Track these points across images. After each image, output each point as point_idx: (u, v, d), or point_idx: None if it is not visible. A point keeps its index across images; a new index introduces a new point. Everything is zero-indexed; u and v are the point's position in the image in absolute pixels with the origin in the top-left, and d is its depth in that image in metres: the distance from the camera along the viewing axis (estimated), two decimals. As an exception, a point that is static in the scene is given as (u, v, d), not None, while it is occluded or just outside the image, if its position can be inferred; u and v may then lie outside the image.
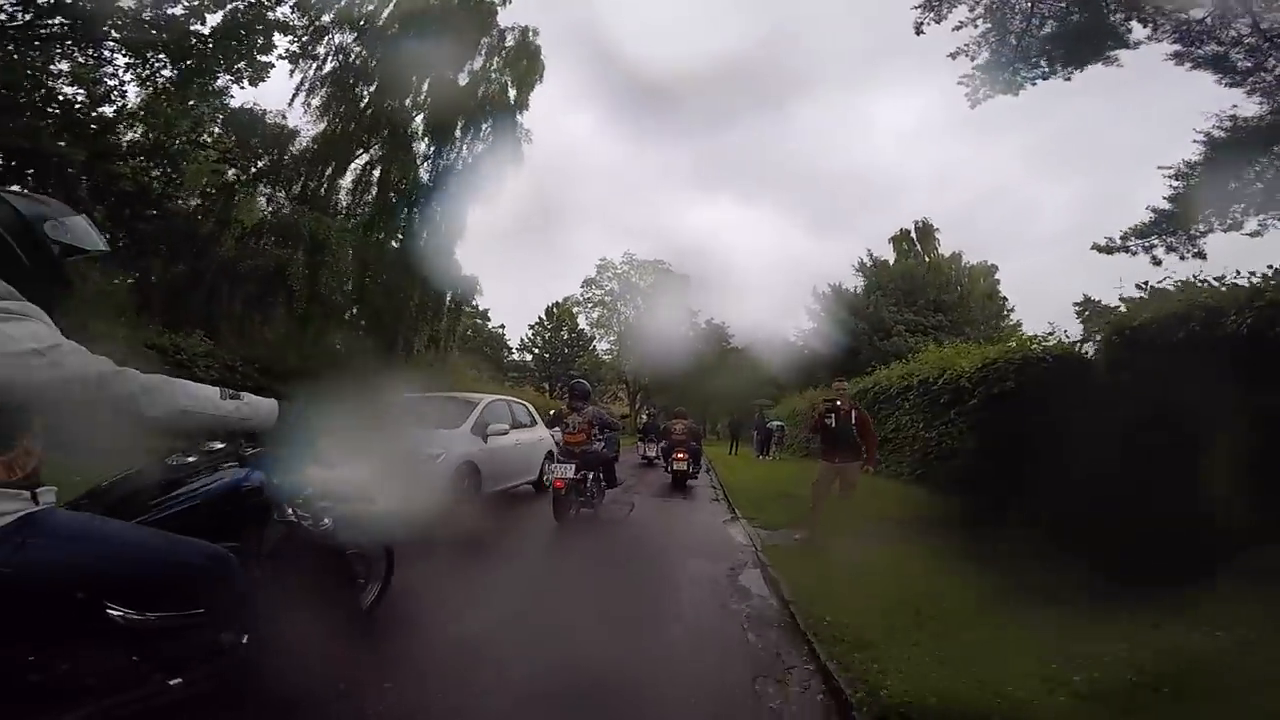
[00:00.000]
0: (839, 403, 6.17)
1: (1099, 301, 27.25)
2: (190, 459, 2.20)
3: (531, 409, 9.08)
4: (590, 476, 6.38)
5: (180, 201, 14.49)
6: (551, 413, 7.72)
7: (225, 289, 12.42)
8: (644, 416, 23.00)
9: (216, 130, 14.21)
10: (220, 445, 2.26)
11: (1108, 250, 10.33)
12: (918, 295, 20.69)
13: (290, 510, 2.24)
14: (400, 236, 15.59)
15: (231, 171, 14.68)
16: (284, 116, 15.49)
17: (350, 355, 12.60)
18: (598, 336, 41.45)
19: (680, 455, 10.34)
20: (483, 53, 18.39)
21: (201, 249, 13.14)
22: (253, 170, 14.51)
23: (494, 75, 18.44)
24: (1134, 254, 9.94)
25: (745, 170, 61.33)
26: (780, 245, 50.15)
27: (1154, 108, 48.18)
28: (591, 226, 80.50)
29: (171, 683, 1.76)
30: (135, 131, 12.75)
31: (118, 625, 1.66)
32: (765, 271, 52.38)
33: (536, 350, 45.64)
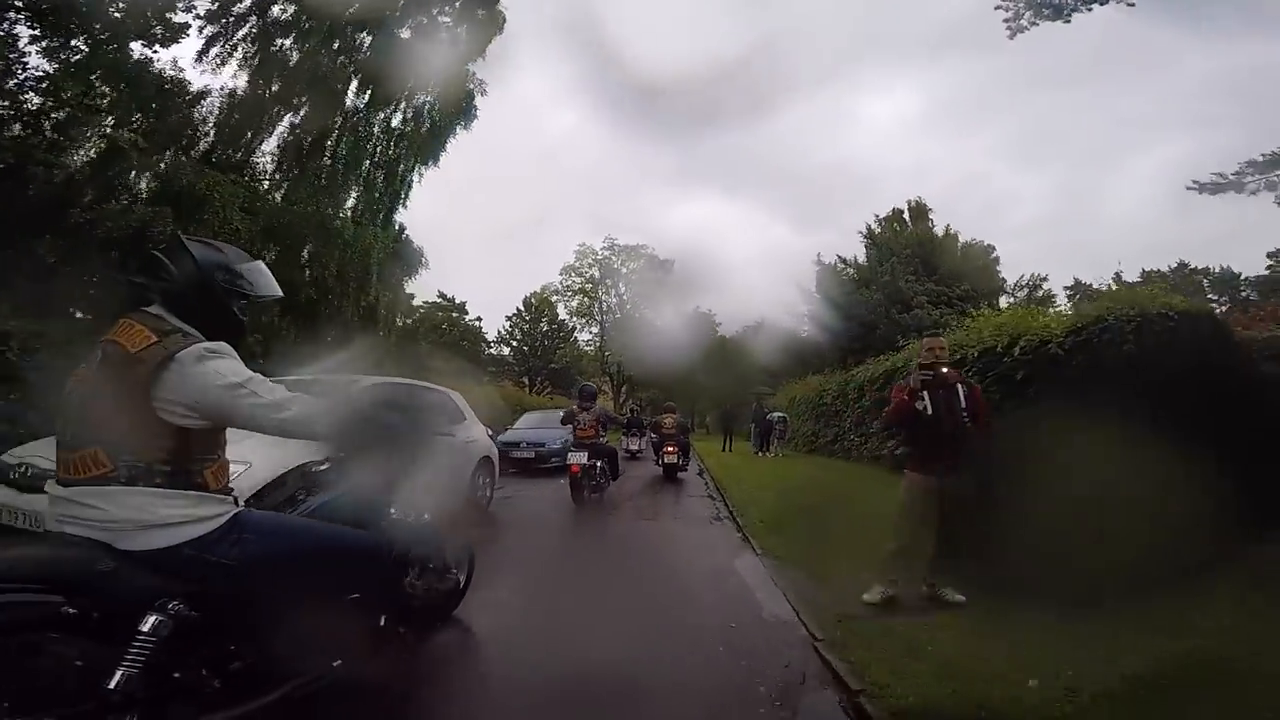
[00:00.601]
0: (943, 370, 3.60)
1: (1089, 285, 25.27)
2: (323, 467, 2.31)
3: (458, 399, 6.42)
4: (599, 465, 7.17)
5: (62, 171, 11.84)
6: (563, 411, 8.39)
7: (88, 259, 9.61)
8: (628, 411, 20.98)
9: (106, 91, 11.55)
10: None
11: (1214, 189, 7.91)
12: (937, 263, 18.01)
13: (393, 509, 2.32)
14: (326, 201, 12.76)
15: (127, 135, 11.97)
16: (178, 68, 12.70)
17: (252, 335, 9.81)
18: (578, 326, 38.65)
19: (670, 449, 10.12)
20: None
21: (64, 219, 10.32)
22: (142, 133, 11.74)
23: (445, 25, 15.72)
24: (1253, 192, 7.53)
25: (729, 166, 59.08)
26: (764, 239, 48.26)
27: (1119, 103, 46.88)
28: (578, 222, 78.12)
29: (335, 664, 1.88)
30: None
31: (288, 612, 1.72)
32: (750, 265, 50.43)
33: (515, 343, 42.74)
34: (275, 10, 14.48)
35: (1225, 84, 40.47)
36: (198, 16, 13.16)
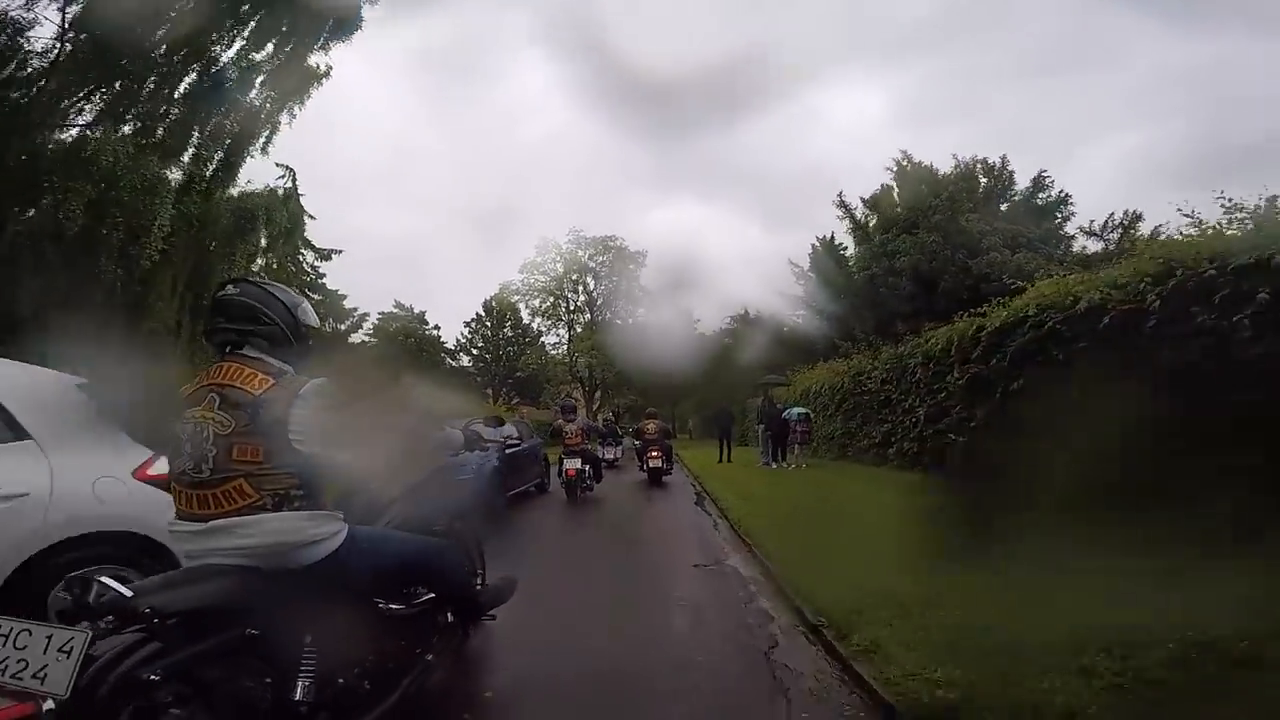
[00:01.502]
0: None
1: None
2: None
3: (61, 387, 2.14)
4: (588, 469, 7.89)
5: None
6: (552, 425, 9.26)
7: None
8: (602, 420, 19.75)
9: None
10: None
11: None
12: (1000, 198, 13.40)
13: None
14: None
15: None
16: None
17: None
18: (544, 329, 34.11)
19: (654, 454, 9.46)
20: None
21: None
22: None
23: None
24: None
25: (701, 169, 55.00)
26: (737, 241, 44.80)
27: (1077, 95, 44.89)
28: (545, 225, 74.19)
29: (428, 659, 2.01)
30: None
31: (385, 616, 1.86)
32: (724, 267, 46.65)
33: (476, 351, 38.10)
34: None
35: (1174, 76, 38.90)
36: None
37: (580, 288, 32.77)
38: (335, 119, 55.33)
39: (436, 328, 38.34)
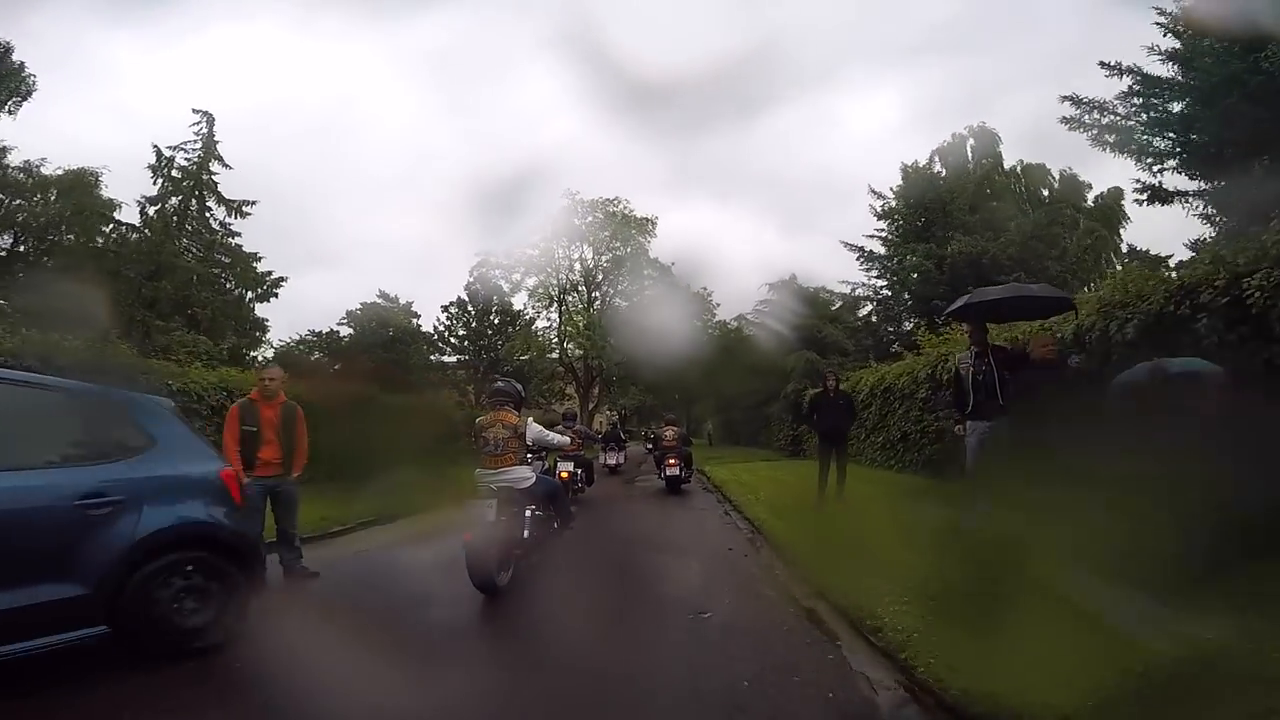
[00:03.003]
0: None
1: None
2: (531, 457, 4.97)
3: None
4: (580, 473, 8.68)
5: None
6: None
7: None
8: (604, 423, 17.59)
9: None
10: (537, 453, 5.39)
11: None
12: None
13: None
14: None
15: None
16: None
17: None
18: (534, 312, 27.06)
19: (672, 461, 9.56)
20: None
21: None
22: None
23: None
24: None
25: (715, 173, 49.19)
26: (754, 248, 39.08)
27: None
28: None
29: (554, 526, 4.47)
30: None
31: (537, 516, 4.19)
32: (739, 274, 41.09)
33: (455, 340, 31.24)
34: None
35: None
36: None
37: (575, 257, 25.84)
38: (364, 125, 50.35)
39: (417, 315, 31.54)
